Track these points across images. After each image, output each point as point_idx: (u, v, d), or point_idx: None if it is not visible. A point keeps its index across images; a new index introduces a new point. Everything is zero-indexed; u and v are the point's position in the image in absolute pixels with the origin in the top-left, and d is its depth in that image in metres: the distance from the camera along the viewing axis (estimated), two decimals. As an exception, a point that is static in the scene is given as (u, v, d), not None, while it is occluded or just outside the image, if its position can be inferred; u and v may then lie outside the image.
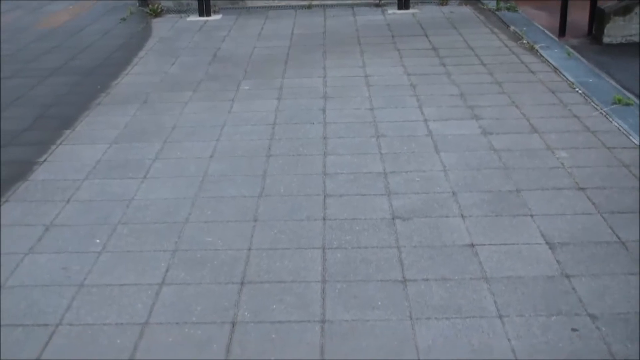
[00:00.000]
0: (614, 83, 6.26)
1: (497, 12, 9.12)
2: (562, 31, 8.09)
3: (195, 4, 9.59)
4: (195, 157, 4.95)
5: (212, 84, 6.66)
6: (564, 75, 6.49)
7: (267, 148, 5.06)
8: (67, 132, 5.54)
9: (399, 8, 9.47)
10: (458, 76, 6.59)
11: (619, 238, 3.73)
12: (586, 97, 5.89)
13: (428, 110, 5.70)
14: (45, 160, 4.99)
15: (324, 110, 5.79)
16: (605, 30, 7.78)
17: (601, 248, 3.65)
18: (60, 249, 3.81)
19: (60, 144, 5.30)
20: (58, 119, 5.84)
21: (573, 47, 7.50)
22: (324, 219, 4.01)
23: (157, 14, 9.62)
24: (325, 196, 4.29)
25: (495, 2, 9.47)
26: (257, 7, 9.94)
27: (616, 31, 7.79)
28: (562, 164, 4.63)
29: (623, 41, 7.77)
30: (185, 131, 5.48)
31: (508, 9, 9.22)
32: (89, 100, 6.29)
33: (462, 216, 4.00)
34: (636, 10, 7.72)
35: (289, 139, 5.23)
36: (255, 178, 4.57)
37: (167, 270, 3.55)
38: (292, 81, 6.63)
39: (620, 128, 5.21)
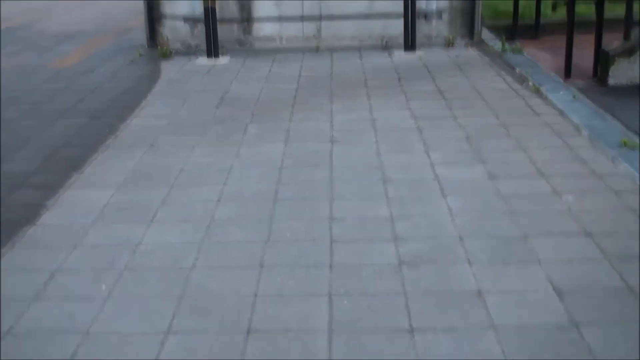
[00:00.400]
0: (620, 125, 6.28)
1: (502, 54, 9.18)
2: (567, 73, 8.13)
3: (203, 46, 9.68)
4: (201, 201, 4.97)
5: (220, 126, 6.70)
6: (569, 117, 6.51)
7: (274, 192, 5.07)
8: (75, 175, 5.56)
9: (405, 50, 9.55)
10: (464, 119, 6.62)
11: (627, 285, 3.71)
12: (592, 140, 5.90)
13: (434, 154, 5.72)
14: (52, 204, 5.01)
15: (330, 154, 5.82)
16: (610, 72, 7.81)
17: (610, 295, 3.63)
18: (66, 295, 3.81)
19: (68, 187, 5.33)
20: (66, 162, 5.87)
21: (578, 89, 7.53)
22: (331, 266, 4.00)
23: (165, 56, 9.71)
24: (331, 242, 4.29)
25: (500, 44, 9.54)
26: (265, 50, 10.03)
27: (621, 73, 7.82)
28: (569, 208, 4.63)
29: (628, 83, 7.80)
30: (192, 175, 5.50)
31: (513, 51, 9.28)
32: (97, 142, 6.33)
33: (469, 262, 3.99)
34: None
35: (296, 182, 5.25)
36: (262, 223, 4.58)
37: (172, 318, 3.54)
38: (299, 124, 6.67)
39: (627, 171, 5.21)
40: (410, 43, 9.55)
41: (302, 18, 10.13)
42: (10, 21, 13.67)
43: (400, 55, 9.48)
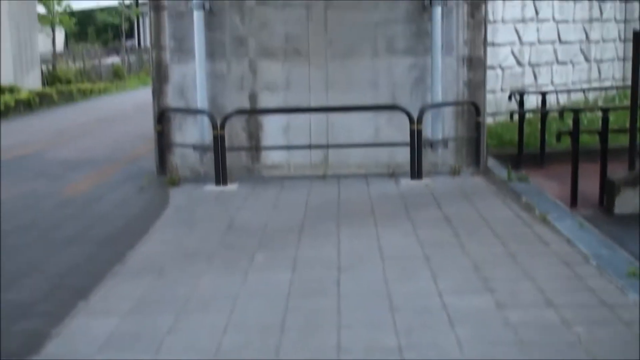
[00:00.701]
0: (627, 255, 6.27)
1: (508, 183, 9.27)
2: (573, 202, 8.21)
3: (212, 173, 9.82)
4: (208, 330, 4.92)
5: (227, 254, 6.71)
6: (577, 246, 6.51)
7: (281, 321, 5.02)
8: (81, 303, 5.54)
9: (412, 178, 9.66)
10: (471, 247, 6.63)
11: (641, 420, 3.63)
12: (600, 270, 5.88)
13: (442, 283, 5.70)
14: (57, 333, 4.96)
15: (337, 282, 5.80)
16: (616, 202, 7.88)
17: None
18: None
19: (74, 316, 5.29)
20: (73, 290, 5.86)
21: (585, 217, 7.57)
22: (338, 398, 3.93)
23: (174, 183, 9.84)
24: (339, 373, 4.22)
25: (506, 173, 9.65)
26: (273, 177, 10.18)
27: (627, 202, 7.89)
28: (579, 339, 4.57)
29: (634, 212, 7.84)
30: (199, 303, 5.47)
31: (519, 179, 9.38)
32: (104, 270, 6.33)
33: (479, 395, 3.91)
34: (645, 181, 7.86)
35: (303, 311, 5.21)
36: (269, 353, 4.52)
37: None
38: (306, 252, 6.68)
39: (636, 302, 5.16)
40: (416, 171, 9.67)
41: (310, 146, 10.32)
42: (23, 149, 13.95)
43: (406, 182, 9.59)
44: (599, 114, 9.95)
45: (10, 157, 12.94)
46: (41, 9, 31.77)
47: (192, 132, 10.35)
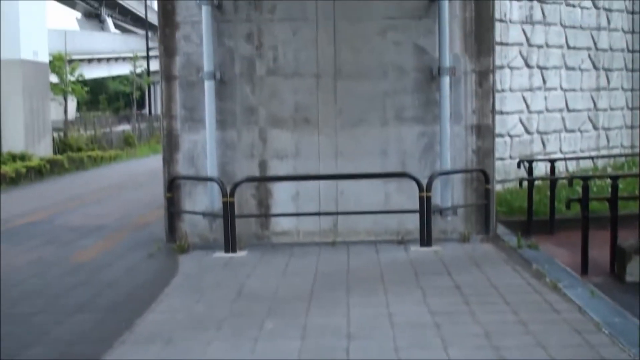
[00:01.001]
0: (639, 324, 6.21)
1: (518, 250, 9.25)
2: (584, 269, 8.17)
3: (221, 240, 9.83)
4: (216, 400, 4.87)
5: (236, 321, 6.67)
6: (588, 314, 6.46)
7: (290, 390, 4.97)
8: (89, 371, 5.50)
9: (422, 245, 9.64)
10: (482, 315, 6.57)
11: None
12: (612, 338, 5.82)
13: (453, 351, 5.64)
14: (64, 402, 4.92)
15: (347, 351, 5.75)
16: (627, 269, 7.85)
17: None
18: None
19: (81, 384, 5.25)
20: (80, 358, 5.82)
21: (596, 285, 7.52)
22: None
23: (184, 250, 9.85)
24: None
25: (516, 240, 9.63)
26: (282, 244, 10.18)
27: (638, 270, 7.84)
28: (594, 410, 4.50)
29: (646, 279, 7.80)
30: (208, 372, 5.42)
31: (529, 246, 9.36)
32: (112, 338, 6.29)
33: None
34: (656, 249, 7.83)
35: (312, 380, 5.16)
36: (278, 423, 4.46)
37: None
38: (315, 319, 6.63)
39: (650, 372, 5.10)
40: (426, 238, 9.66)
41: (319, 213, 10.35)
42: (33, 216, 14.01)
43: (416, 250, 9.57)
44: (608, 181, 9.97)
45: (20, 224, 13.00)
46: (54, 78, 32.25)
47: (201, 200, 10.41)
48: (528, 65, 15.12)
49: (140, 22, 71.34)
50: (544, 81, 15.54)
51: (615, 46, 17.84)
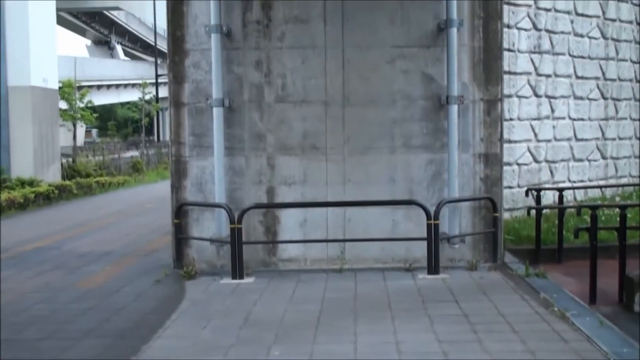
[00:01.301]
0: (649, 354, 6.17)
1: (526, 279, 9.21)
2: (592, 299, 8.13)
3: (229, 266, 9.83)
4: None
5: (243, 348, 6.66)
6: (597, 344, 6.42)
7: (297, 418, 4.95)
8: (95, 397, 5.49)
9: (429, 273, 9.62)
10: (490, 344, 6.54)
11: None
12: (622, 368, 5.78)
13: (461, 380, 5.61)
14: None
15: (354, 379, 5.73)
16: (636, 299, 7.82)
17: None
18: None
19: (87, 410, 5.24)
20: (87, 383, 5.82)
21: (605, 315, 7.48)
22: None
23: (191, 276, 9.84)
24: None
25: (524, 268, 9.60)
26: (289, 271, 10.17)
27: (647, 299, 7.80)
28: None
29: (655, 309, 7.76)
30: (214, 398, 5.40)
31: (537, 275, 9.32)
32: (119, 364, 6.29)
33: None
34: (665, 279, 7.79)
35: (319, 408, 5.13)
36: None
37: None
38: (322, 347, 6.61)
39: (660, 402, 5.06)
40: (433, 266, 9.64)
41: (327, 240, 10.34)
42: (41, 241, 14.04)
43: (424, 277, 9.55)
44: (617, 210, 9.95)
45: (28, 249, 13.02)
46: (63, 104, 32.43)
47: (209, 226, 10.41)
48: (536, 95, 15.16)
49: (149, 49, 71.96)
50: (552, 110, 15.56)
51: (623, 76, 17.87)
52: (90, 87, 46.22)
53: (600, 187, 16.40)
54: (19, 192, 20.81)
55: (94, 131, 65.53)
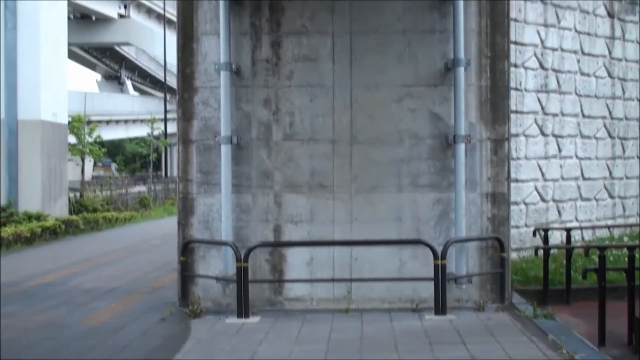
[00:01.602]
0: (660, 399, 6.09)
1: (534, 320, 9.13)
2: (601, 341, 8.06)
3: (234, 305, 9.77)
4: None
5: (248, 389, 6.60)
6: (607, 389, 6.35)
7: None
8: None
9: (436, 314, 9.54)
10: (498, 387, 6.47)
11: None
12: (632, 414, 5.70)
13: None
14: None
15: (360, 422, 5.66)
16: (646, 341, 7.72)
17: None
18: None
19: None
20: None
21: (613, 357, 7.44)
22: None
23: (196, 314, 9.79)
24: None
25: (532, 309, 9.52)
26: (295, 310, 10.10)
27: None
28: None
29: (665, 353, 7.67)
30: None
31: (545, 316, 9.25)
32: (122, 404, 6.23)
33: None
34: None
35: None
36: None
37: None
38: (328, 389, 6.55)
39: None
40: (440, 306, 9.56)
41: (333, 279, 10.29)
42: (46, 277, 14.00)
43: (430, 318, 9.47)
44: (625, 250, 9.89)
45: (34, 285, 12.99)
46: (72, 139, 32.57)
47: (215, 264, 10.38)
48: (543, 134, 15.17)
49: (158, 84, 72.38)
50: (559, 149, 15.57)
51: (630, 115, 17.89)
52: (99, 122, 46.40)
53: (608, 226, 16.33)
54: (25, 227, 20.82)
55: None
